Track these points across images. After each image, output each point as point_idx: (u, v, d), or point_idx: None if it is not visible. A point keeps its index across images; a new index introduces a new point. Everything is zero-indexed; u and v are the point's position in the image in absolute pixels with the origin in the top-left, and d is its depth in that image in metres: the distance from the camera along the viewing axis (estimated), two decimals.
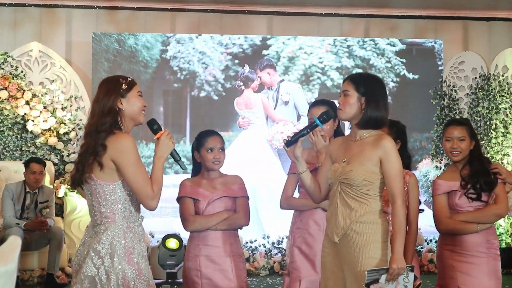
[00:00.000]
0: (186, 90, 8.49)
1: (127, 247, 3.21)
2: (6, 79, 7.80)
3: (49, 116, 7.87)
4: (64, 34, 8.49)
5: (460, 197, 4.28)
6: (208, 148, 4.22)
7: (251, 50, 8.61)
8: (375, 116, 3.46)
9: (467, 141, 4.30)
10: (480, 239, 4.23)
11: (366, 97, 3.46)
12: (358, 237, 3.40)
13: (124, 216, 3.24)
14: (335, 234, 3.46)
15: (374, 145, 3.44)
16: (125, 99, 3.30)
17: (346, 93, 3.49)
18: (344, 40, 8.74)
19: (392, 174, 3.41)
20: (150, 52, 8.47)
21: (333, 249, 3.52)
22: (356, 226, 3.41)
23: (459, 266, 4.25)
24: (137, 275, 3.21)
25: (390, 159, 3.40)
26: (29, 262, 7.13)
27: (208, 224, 4.17)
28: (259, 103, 8.53)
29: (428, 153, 8.70)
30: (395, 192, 3.41)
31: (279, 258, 7.91)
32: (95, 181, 3.21)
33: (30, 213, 7.05)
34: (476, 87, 8.69)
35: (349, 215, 3.43)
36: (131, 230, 3.25)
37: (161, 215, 8.11)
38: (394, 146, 3.44)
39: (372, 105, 3.45)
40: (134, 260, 3.22)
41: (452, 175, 4.36)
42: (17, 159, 7.87)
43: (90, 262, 3.17)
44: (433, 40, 8.89)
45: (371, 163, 3.42)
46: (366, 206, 3.42)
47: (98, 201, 3.23)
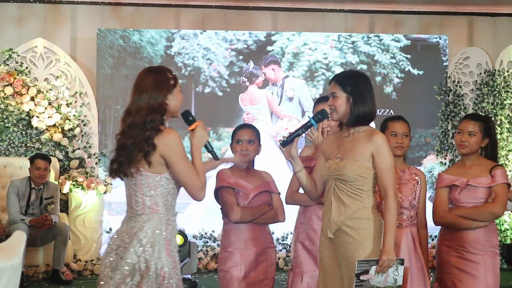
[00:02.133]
0: (191, 86, 8.49)
1: (167, 239, 3.24)
2: (11, 75, 7.81)
3: (54, 112, 7.88)
4: (68, 30, 8.50)
5: (460, 192, 4.29)
6: (237, 140, 4.29)
7: (256, 46, 8.61)
8: (363, 112, 3.53)
9: (477, 136, 4.30)
10: (477, 236, 4.24)
11: (353, 96, 3.53)
12: (354, 232, 3.45)
13: (166, 209, 3.27)
14: (329, 230, 3.52)
15: (366, 140, 3.51)
16: (171, 94, 3.29)
17: (334, 95, 3.57)
18: (348, 36, 8.73)
19: (384, 168, 3.47)
20: (155, 48, 8.47)
21: (330, 244, 3.56)
22: (351, 222, 3.46)
23: (456, 262, 4.27)
24: (173, 267, 3.24)
25: (381, 153, 3.46)
26: (34, 258, 7.15)
27: (252, 217, 4.24)
28: (263, 99, 8.52)
29: (433, 149, 8.68)
30: (387, 186, 3.46)
31: (284, 254, 7.92)
32: (142, 173, 3.22)
33: (35, 209, 7.07)
34: (481, 83, 8.67)
35: (342, 211, 3.49)
36: (170, 222, 3.29)
37: None
38: (385, 141, 3.52)
39: (359, 103, 3.53)
40: (172, 252, 3.25)
41: (458, 170, 4.37)
42: (22, 155, 7.89)
43: (133, 250, 3.19)
44: (437, 36, 8.87)
45: (363, 158, 3.48)
46: (360, 202, 3.48)
47: (143, 191, 3.24)
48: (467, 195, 4.28)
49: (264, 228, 4.33)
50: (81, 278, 7.35)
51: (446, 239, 4.36)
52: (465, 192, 4.27)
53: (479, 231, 4.24)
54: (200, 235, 8.12)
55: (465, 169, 4.33)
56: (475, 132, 4.31)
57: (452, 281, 4.27)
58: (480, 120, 4.39)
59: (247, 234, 4.25)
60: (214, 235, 8.11)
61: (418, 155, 8.68)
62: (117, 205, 8.09)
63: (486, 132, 4.34)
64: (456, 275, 4.25)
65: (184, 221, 8.13)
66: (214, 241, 8.10)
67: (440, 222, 4.35)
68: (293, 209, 4.48)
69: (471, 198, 4.27)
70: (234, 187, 4.28)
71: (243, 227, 4.25)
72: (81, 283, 7.00)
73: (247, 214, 4.23)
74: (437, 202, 4.36)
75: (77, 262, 7.53)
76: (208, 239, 8.12)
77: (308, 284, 4.25)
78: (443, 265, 4.35)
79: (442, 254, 4.36)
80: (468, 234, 4.25)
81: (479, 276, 4.20)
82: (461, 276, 4.23)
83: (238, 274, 4.20)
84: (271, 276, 4.30)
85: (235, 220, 4.24)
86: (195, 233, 8.07)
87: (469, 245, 4.24)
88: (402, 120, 4.39)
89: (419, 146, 8.53)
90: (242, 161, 4.30)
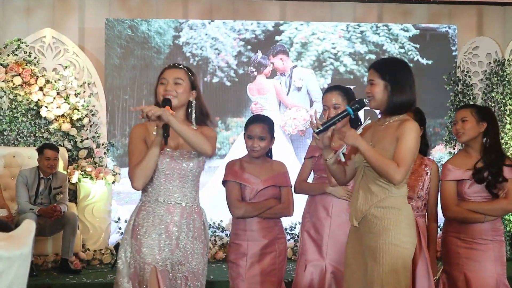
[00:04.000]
0: (199, 76, 8.47)
1: (136, 223, 3.41)
2: (19, 65, 7.82)
3: (62, 102, 7.89)
4: (77, 20, 8.51)
5: (470, 187, 4.26)
6: (248, 135, 4.27)
7: (264, 36, 8.59)
8: (400, 101, 3.46)
9: (470, 122, 4.28)
10: (486, 226, 4.23)
11: (391, 84, 3.45)
12: (379, 222, 3.39)
13: (142, 194, 3.49)
14: (354, 218, 3.48)
15: (397, 128, 3.43)
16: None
17: (372, 82, 3.50)
18: (357, 26, 8.69)
19: (401, 147, 3.35)
20: (163, 38, 8.46)
21: (356, 234, 3.51)
22: (376, 211, 3.39)
23: (465, 253, 4.25)
24: (136, 251, 3.37)
25: (405, 137, 3.36)
26: (43, 247, 7.18)
27: (255, 212, 4.23)
28: (271, 89, 8.51)
29: (441, 139, 8.66)
30: (398, 159, 3.33)
31: (292, 244, 7.92)
32: None
33: (44, 199, 7.09)
34: (490, 73, 8.63)
35: (368, 199, 3.43)
36: (145, 207, 3.44)
37: None
38: (415, 129, 3.40)
39: (397, 91, 3.44)
40: (138, 236, 3.38)
41: (463, 161, 4.33)
42: (31, 145, 7.91)
43: None
44: (447, 25, 8.82)
45: (392, 146, 3.40)
46: (387, 191, 3.40)
47: None
48: (477, 189, 4.25)
49: (273, 220, 4.33)
50: (90, 267, 7.38)
51: (453, 230, 4.33)
52: (475, 186, 4.25)
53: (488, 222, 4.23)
54: (208, 225, 8.12)
55: (471, 161, 4.30)
56: (466, 117, 4.30)
57: (461, 272, 4.25)
58: (471, 106, 4.40)
59: (256, 226, 4.26)
60: (222, 225, 8.12)
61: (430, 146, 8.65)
62: (125, 195, 8.11)
63: (483, 117, 4.31)
64: (466, 266, 4.24)
65: None
66: (222, 231, 8.11)
67: (453, 217, 4.31)
68: (300, 198, 4.48)
69: (480, 192, 4.25)
70: (240, 182, 4.27)
71: (251, 219, 4.26)
72: (90, 272, 7.03)
73: (251, 209, 4.23)
74: (447, 196, 4.31)
75: (86, 251, 7.56)
76: (216, 229, 8.13)
77: (311, 273, 4.25)
78: (451, 256, 4.33)
79: (450, 245, 4.33)
80: (477, 225, 4.24)
81: (488, 265, 4.20)
82: (471, 266, 4.22)
83: (245, 265, 4.21)
84: (279, 267, 4.30)
85: (237, 215, 4.25)
86: None
87: (477, 236, 4.23)
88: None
89: (428, 136, 8.47)
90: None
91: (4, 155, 7.70)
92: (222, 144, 8.34)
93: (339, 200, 4.23)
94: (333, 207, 4.25)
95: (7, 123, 7.91)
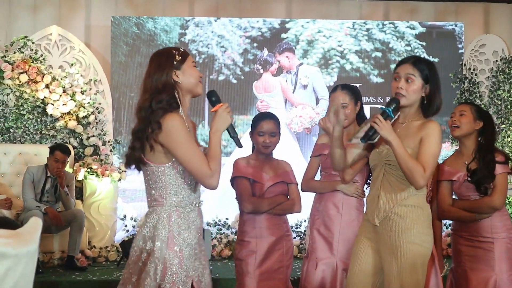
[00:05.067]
0: (205, 74, 8.48)
1: (171, 232, 3.04)
2: (26, 62, 7.84)
3: (68, 99, 7.91)
4: (83, 17, 8.52)
5: (460, 187, 4.29)
6: (259, 132, 4.28)
7: (270, 33, 8.58)
8: (438, 104, 3.40)
9: (468, 117, 4.28)
10: (487, 224, 4.23)
11: (431, 85, 3.38)
12: (401, 220, 3.33)
13: (173, 201, 3.08)
14: (376, 217, 3.39)
15: (420, 128, 3.36)
16: (181, 71, 3.14)
17: (410, 77, 3.38)
18: (363, 23, 8.68)
19: (423, 150, 3.29)
20: (169, 35, 8.46)
21: (371, 233, 3.45)
22: (399, 209, 3.34)
23: (466, 250, 4.26)
24: (178, 263, 3.04)
25: (430, 139, 3.30)
26: (50, 244, 7.20)
27: (266, 207, 4.25)
28: (277, 86, 8.50)
29: (448, 137, 8.64)
30: (423, 163, 3.26)
31: (298, 242, 7.92)
32: (146, 163, 3.09)
33: (50, 197, 7.09)
34: (497, 70, 8.60)
35: (392, 198, 3.37)
36: (179, 215, 3.08)
37: None
38: (439, 131, 3.33)
39: (436, 93, 3.39)
40: (175, 247, 3.05)
41: (456, 161, 4.36)
42: (37, 142, 7.93)
43: (136, 246, 3.09)
44: (453, 23, 8.80)
45: (415, 145, 3.34)
46: (411, 189, 3.34)
47: (149, 183, 3.11)
48: (467, 188, 4.27)
49: (281, 217, 4.34)
50: (96, 264, 7.39)
51: (457, 229, 4.37)
52: (464, 186, 4.27)
53: (490, 219, 4.22)
54: (214, 222, 8.13)
55: (463, 160, 4.31)
56: (465, 111, 4.30)
57: (464, 270, 4.26)
58: (472, 104, 4.41)
59: (263, 223, 4.27)
60: (228, 223, 8.12)
61: None
62: (131, 192, 8.12)
63: (480, 115, 4.31)
64: (469, 264, 4.24)
65: None
66: (228, 228, 8.11)
67: (444, 216, 4.39)
68: (306, 196, 4.48)
69: (472, 190, 4.26)
70: (250, 178, 4.28)
71: (259, 216, 4.27)
72: (96, 270, 7.04)
73: (261, 204, 4.24)
74: (440, 197, 4.36)
75: (92, 248, 7.57)
76: (222, 227, 8.14)
77: (323, 271, 4.27)
78: (455, 254, 4.37)
79: (455, 244, 4.38)
80: (479, 223, 4.24)
81: (490, 264, 4.19)
82: (474, 265, 4.23)
83: (253, 262, 4.21)
84: (286, 265, 4.31)
85: (248, 210, 4.26)
86: (209, 220, 8.09)
87: (478, 233, 4.23)
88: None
89: None
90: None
91: (10, 152, 7.72)
92: (228, 141, 8.34)
93: (349, 197, 4.27)
94: (343, 205, 4.28)
95: (13, 121, 7.92)
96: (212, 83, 8.44)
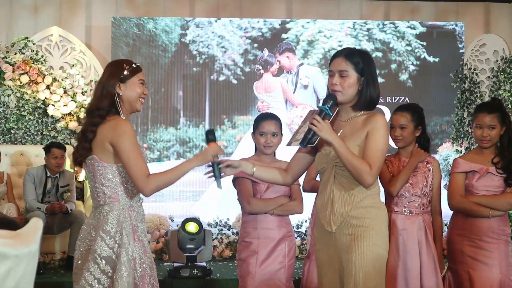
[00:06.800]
0: (205, 74, 8.48)
1: (133, 225, 3.28)
2: (27, 63, 7.84)
3: (69, 100, 7.91)
4: (83, 18, 8.52)
5: (478, 179, 4.26)
6: (261, 132, 4.28)
7: (270, 33, 8.58)
8: (375, 96, 3.25)
9: (497, 128, 4.26)
10: (491, 225, 4.21)
11: (366, 77, 3.23)
12: (359, 222, 3.16)
13: (127, 196, 3.29)
14: (333, 222, 3.21)
15: (365, 123, 3.21)
16: (125, 84, 3.32)
17: (344, 73, 3.22)
18: (363, 23, 8.68)
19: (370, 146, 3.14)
20: (169, 36, 8.47)
21: (328, 239, 3.26)
22: (356, 212, 3.17)
23: (469, 251, 4.24)
24: (143, 252, 3.30)
25: (376, 134, 3.14)
26: (51, 245, 7.20)
27: (267, 208, 4.24)
28: (278, 87, 8.51)
29: (448, 137, 8.64)
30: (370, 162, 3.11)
31: (299, 242, 7.92)
32: (98, 162, 3.27)
33: (52, 197, 7.11)
34: (497, 70, 8.60)
35: (347, 200, 3.19)
36: (133, 209, 3.32)
37: (181, 199, 8.14)
38: (386, 124, 3.20)
39: (371, 85, 3.24)
40: (139, 237, 3.30)
41: (474, 157, 4.34)
42: (38, 143, 7.94)
43: (104, 244, 3.22)
44: (454, 23, 8.80)
45: (362, 140, 3.18)
46: (365, 189, 3.17)
47: (102, 182, 3.29)
48: (485, 183, 4.25)
49: (283, 218, 4.34)
50: None
51: (458, 228, 4.33)
52: (483, 179, 4.25)
53: (493, 220, 4.21)
54: (215, 223, 8.13)
55: (484, 157, 4.30)
56: (495, 125, 4.26)
57: (466, 270, 4.25)
58: (495, 111, 4.31)
59: (265, 224, 4.26)
60: (229, 223, 8.12)
61: (433, 143, 8.62)
62: None
63: (503, 120, 4.30)
64: (470, 264, 4.23)
65: (199, 209, 8.15)
66: (229, 229, 8.11)
67: (457, 206, 4.31)
68: (307, 197, 4.49)
69: (488, 186, 4.24)
70: (251, 178, 4.29)
71: (261, 217, 4.26)
72: None
73: (262, 205, 4.24)
74: (454, 186, 4.31)
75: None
76: (223, 227, 8.13)
77: None
78: (456, 254, 4.33)
79: (455, 244, 4.33)
80: (482, 223, 4.22)
81: (493, 265, 4.18)
82: (475, 265, 4.21)
83: (255, 263, 4.21)
84: (288, 265, 4.31)
85: (250, 211, 4.26)
86: (210, 221, 8.09)
87: (482, 234, 4.21)
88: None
89: (435, 134, 8.48)
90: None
91: (11, 153, 7.73)
92: (229, 142, 8.34)
93: None
94: None
95: (14, 122, 7.93)
96: (212, 83, 8.45)
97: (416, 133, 4.35)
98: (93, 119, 3.27)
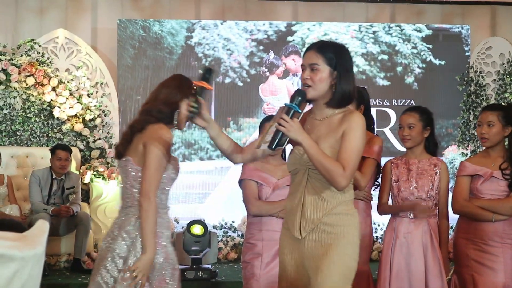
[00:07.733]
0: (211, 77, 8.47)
1: (156, 231, 3.21)
2: (32, 65, 7.86)
3: (75, 102, 7.92)
4: (89, 20, 8.53)
5: (482, 183, 4.24)
6: None
7: (276, 36, 8.58)
8: (348, 91, 3.00)
9: (497, 127, 4.22)
10: (496, 228, 4.18)
11: (339, 71, 2.98)
12: (331, 229, 2.95)
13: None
14: (303, 229, 2.99)
15: (341, 121, 2.98)
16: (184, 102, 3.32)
17: (315, 67, 2.98)
18: (369, 26, 8.67)
19: (348, 147, 2.91)
20: (175, 38, 8.47)
21: (295, 246, 3.05)
22: (329, 219, 2.95)
23: (474, 255, 4.22)
24: (165, 258, 3.26)
25: (351, 134, 2.92)
26: (56, 247, 7.20)
27: (272, 211, 4.23)
28: (284, 89, 8.50)
29: (454, 140, 8.62)
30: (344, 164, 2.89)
31: None
32: (131, 164, 3.25)
33: (57, 199, 7.12)
34: (503, 73, 8.58)
35: (320, 206, 2.97)
36: (160, 216, 3.26)
37: (186, 201, 8.14)
38: (362, 123, 2.97)
39: (344, 80, 2.98)
40: (162, 243, 3.26)
41: (481, 160, 4.32)
42: (43, 145, 7.94)
43: (123, 243, 3.23)
44: (460, 26, 8.78)
45: (336, 140, 2.96)
46: (339, 195, 2.96)
47: (133, 184, 3.26)
48: (489, 187, 4.23)
49: None
50: None
51: (464, 231, 4.31)
52: (487, 183, 4.23)
53: (498, 224, 4.19)
54: (220, 225, 8.13)
55: (490, 160, 4.27)
56: (493, 122, 4.23)
57: (470, 274, 4.23)
58: (498, 109, 4.30)
59: (270, 226, 4.25)
60: (234, 225, 8.12)
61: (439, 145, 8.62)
62: None
63: (507, 120, 4.26)
64: (475, 268, 4.21)
65: (204, 211, 8.15)
66: (234, 231, 8.11)
67: (460, 211, 4.30)
68: None
69: (493, 190, 4.22)
70: (257, 181, 4.28)
71: (266, 219, 4.26)
72: None
73: (267, 208, 4.24)
74: (458, 190, 4.30)
75: (98, 251, 7.57)
76: (228, 229, 8.13)
77: None
78: (461, 258, 4.31)
79: (460, 247, 4.32)
80: (487, 227, 4.20)
81: (498, 269, 4.16)
82: (480, 269, 4.20)
83: (259, 265, 4.21)
84: None
85: (253, 213, 4.26)
86: (215, 223, 8.09)
87: (487, 237, 4.19)
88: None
89: (441, 136, 8.46)
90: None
91: (17, 155, 7.74)
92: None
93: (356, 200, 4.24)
94: None
95: (20, 123, 7.94)
96: (218, 86, 8.45)
97: (425, 133, 4.33)
98: (149, 117, 3.26)
